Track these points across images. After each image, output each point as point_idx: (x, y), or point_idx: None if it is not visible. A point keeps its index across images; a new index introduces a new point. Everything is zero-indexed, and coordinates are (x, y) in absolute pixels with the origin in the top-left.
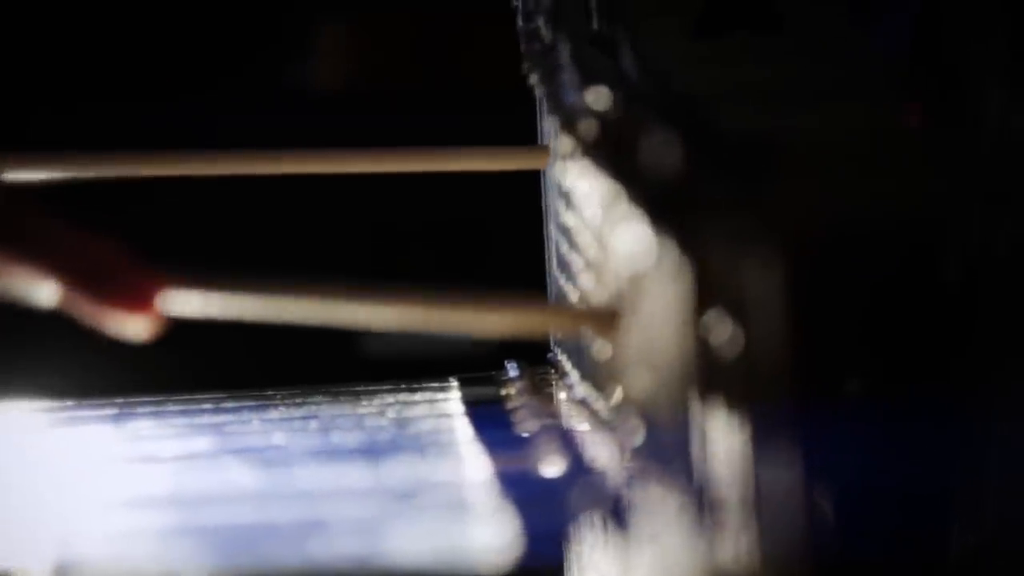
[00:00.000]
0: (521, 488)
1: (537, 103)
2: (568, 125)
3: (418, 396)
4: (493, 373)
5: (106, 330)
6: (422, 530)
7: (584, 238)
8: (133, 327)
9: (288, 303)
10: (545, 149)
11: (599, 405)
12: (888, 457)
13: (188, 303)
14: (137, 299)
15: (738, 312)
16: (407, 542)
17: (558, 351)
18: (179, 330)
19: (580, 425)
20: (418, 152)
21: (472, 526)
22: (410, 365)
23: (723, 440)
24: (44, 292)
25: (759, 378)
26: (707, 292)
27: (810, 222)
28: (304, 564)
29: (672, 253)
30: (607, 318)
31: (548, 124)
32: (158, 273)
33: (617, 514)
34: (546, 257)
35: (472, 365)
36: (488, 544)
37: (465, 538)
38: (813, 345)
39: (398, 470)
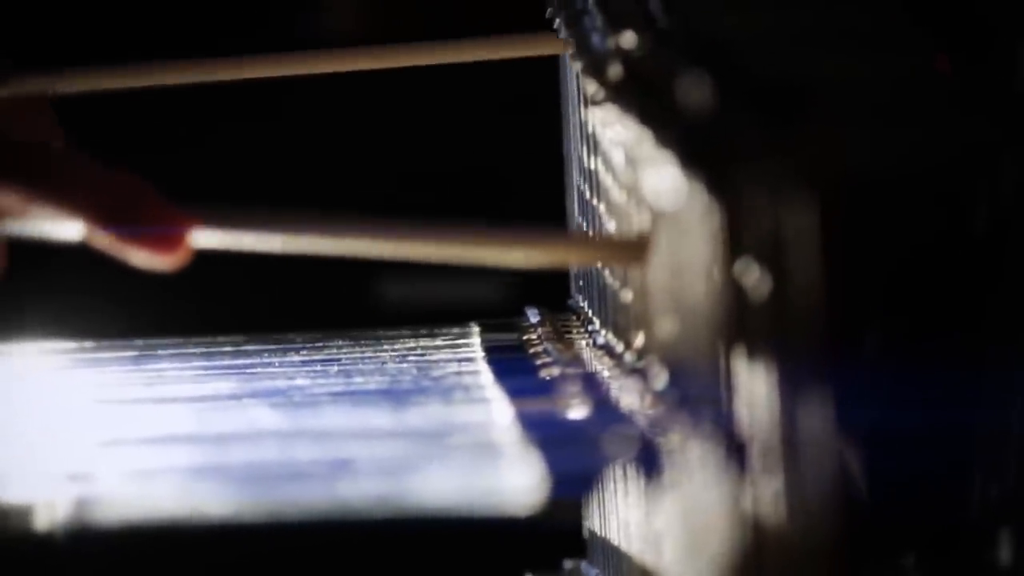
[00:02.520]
0: (545, 431)
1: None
2: (594, 69)
3: (439, 341)
4: (513, 319)
5: (133, 264)
6: (446, 471)
7: (609, 183)
8: (160, 261)
9: (312, 238)
10: (559, 38)
11: (621, 350)
12: (918, 405)
13: (214, 238)
14: (164, 233)
15: (768, 257)
16: (431, 483)
17: (578, 298)
18: (198, 273)
19: (603, 370)
20: (426, 45)
21: (497, 468)
22: (428, 312)
23: (752, 386)
24: (71, 227)
25: (789, 324)
26: (737, 236)
27: (841, 167)
28: (328, 504)
29: (702, 197)
30: (634, 247)
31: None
32: (184, 208)
33: (642, 458)
34: (567, 204)
35: (490, 312)
36: (512, 486)
37: (490, 480)
38: (844, 291)
39: (422, 412)
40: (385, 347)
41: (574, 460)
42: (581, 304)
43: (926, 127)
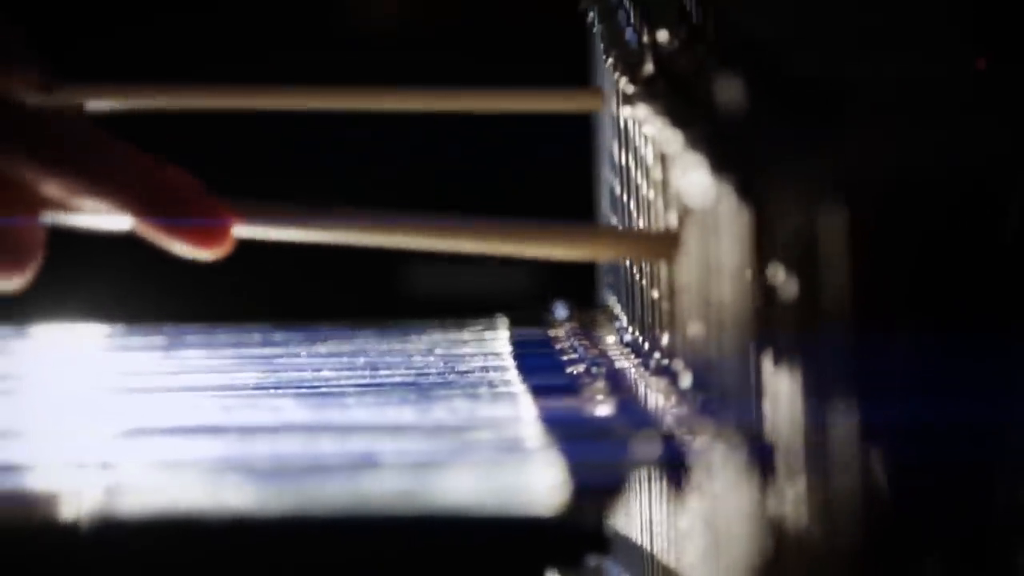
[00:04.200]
0: (570, 428)
1: (590, 39)
2: (626, 65)
3: (466, 334)
4: (541, 312)
5: (176, 254)
6: (470, 467)
7: (640, 179)
8: (203, 253)
9: (346, 231)
10: (599, 91)
11: (648, 349)
12: (944, 405)
13: (254, 230)
14: (208, 225)
15: (798, 259)
16: (455, 478)
17: (607, 294)
18: (228, 262)
19: (629, 368)
20: (466, 92)
21: (521, 465)
22: (455, 303)
23: (779, 388)
24: (116, 219)
25: (818, 326)
26: (767, 238)
27: (874, 170)
28: (349, 498)
29: (732, 198)
30: (664, 242)
31: (601, 63)
32: (226, 200)
33: (666, 458)
34: (595, 198)
35: (518, 305)
36: (536, 484)
37: (513, 477)
38: (873, 294)
39: (447, 407)
40: (412, 339)
41: (599, 458)
42: (609, 300)
43: (958, 130)
